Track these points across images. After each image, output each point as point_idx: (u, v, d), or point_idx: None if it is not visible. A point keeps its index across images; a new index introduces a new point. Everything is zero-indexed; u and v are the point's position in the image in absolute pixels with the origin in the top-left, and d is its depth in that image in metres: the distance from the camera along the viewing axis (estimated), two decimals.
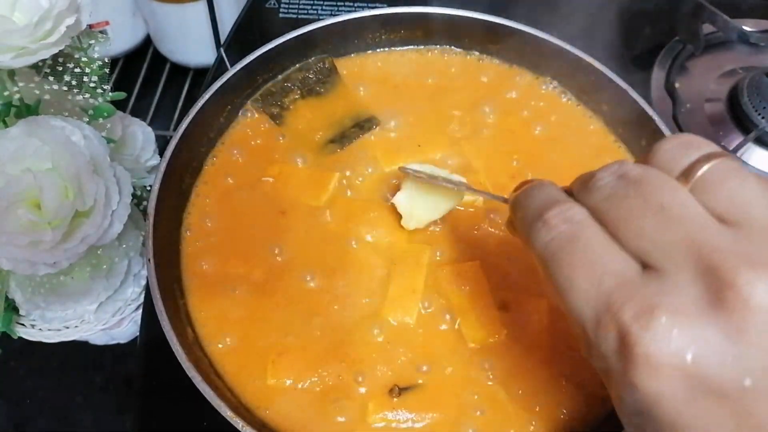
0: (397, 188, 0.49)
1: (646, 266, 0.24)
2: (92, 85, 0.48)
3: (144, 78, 0.90)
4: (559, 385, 0.45)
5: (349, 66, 0.60)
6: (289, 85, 0.58)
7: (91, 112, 0.49)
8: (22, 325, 0.54)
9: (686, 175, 0.25)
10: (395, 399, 0.44)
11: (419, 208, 0.47)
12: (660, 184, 0.24)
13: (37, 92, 0.45)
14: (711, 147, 0.26)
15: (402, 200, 0.47)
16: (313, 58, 0.59)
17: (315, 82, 0.58)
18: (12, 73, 0.44)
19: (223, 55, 0.66)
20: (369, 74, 0.60)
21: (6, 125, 0.44)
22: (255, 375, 0.45)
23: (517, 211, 0.30)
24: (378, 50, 0.61)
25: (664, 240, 0.23)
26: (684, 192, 0.24)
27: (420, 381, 0.45)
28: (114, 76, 0.89)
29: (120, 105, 0.52)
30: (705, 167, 0.24)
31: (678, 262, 0.23)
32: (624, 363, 0.22)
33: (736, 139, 0.66)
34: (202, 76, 0.88)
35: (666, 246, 0.23)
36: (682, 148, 0.26)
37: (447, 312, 0.47)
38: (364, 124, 0.56)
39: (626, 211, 0.25)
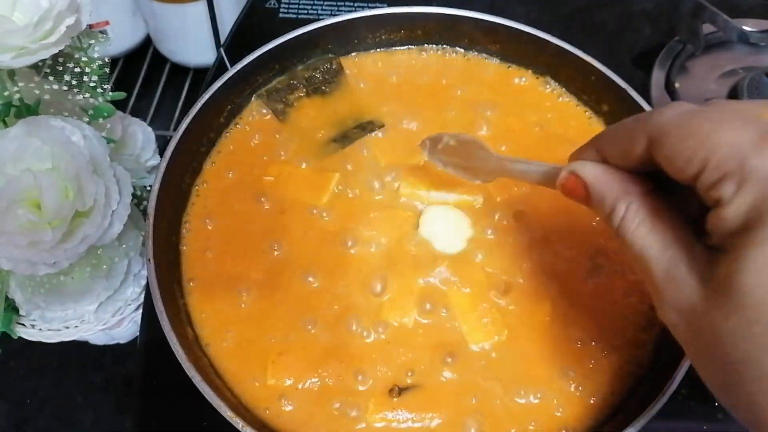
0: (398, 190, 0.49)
1: None
2: (92, 84, 0.48)
3: (144, 78, 0.90)
4: (560, 386, 0.45)
5: (352, 66, 0.60)
6: (295, 82, 0.58)
7: (91, 112, 0.49)
8: (22, 325, 0.54)
9: None
10: (395, 399, 0.44)
11: (445, 233, 0.49)
12: None
13: (37, 92, 0.45)
14: None
15: (428, 230, 0.49)
16: (320, 58, 0.59)
17: (321, 81, 0.58)
18: (12, 73, 0.44)
19: (223, 55, 0.66)
20: (371, 74, 0.60)
21: (6, 125, 0.44)
22: (255, 375, 0.45)
23: (609, 130, 0.32)
24: (378, 50, 0.61)
25: None
26: None
27: (420, 381, 0.45)
28: (114, 76, 0.89)
29: (120, 105, 0.52)
30: None
31: None
32: None
33: None
34: (202, 76, 0.88)
35: None
36: None
37: (447, 312, 0.47)
38: (366, 125, 0.56)
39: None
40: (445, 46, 0.61)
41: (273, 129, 0.56)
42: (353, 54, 0.61)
